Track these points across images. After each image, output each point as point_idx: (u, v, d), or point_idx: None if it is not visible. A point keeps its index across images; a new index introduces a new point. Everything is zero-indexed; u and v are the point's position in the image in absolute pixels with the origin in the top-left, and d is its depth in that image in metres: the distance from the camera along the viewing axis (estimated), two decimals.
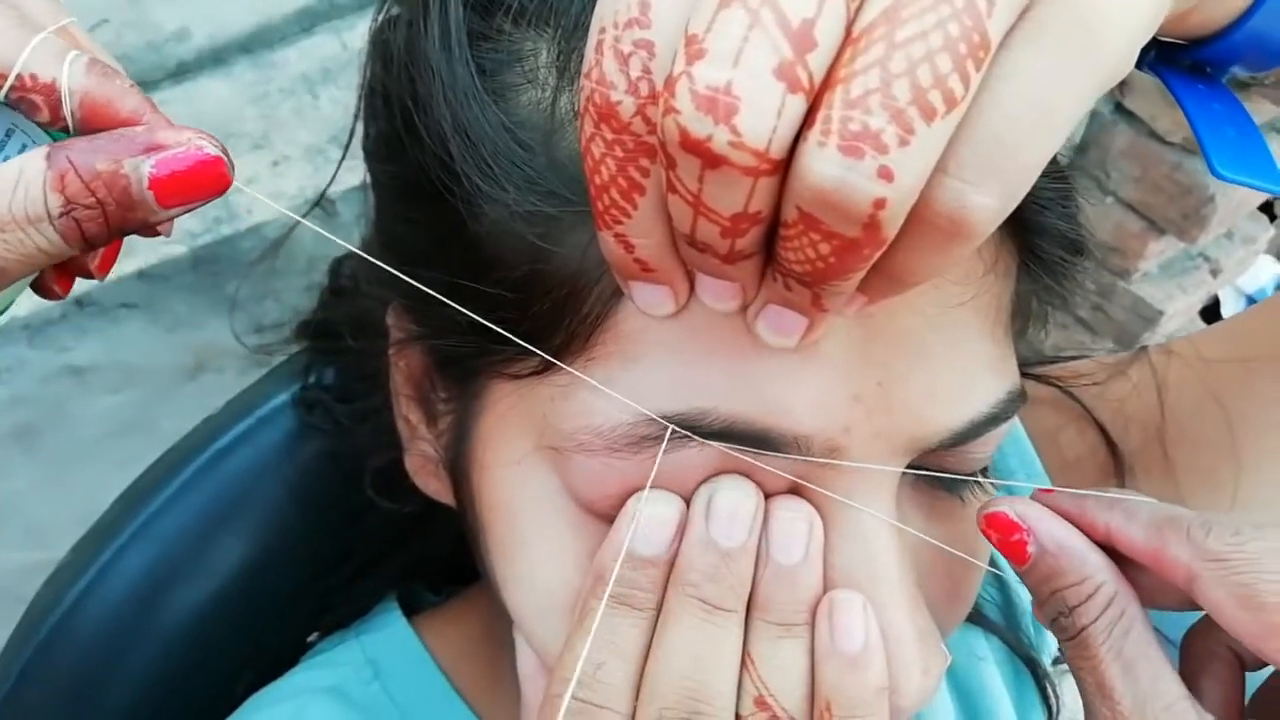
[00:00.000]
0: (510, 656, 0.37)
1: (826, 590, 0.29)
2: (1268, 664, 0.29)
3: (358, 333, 0.44)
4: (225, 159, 0.25)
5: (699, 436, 0.28)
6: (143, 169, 0.24)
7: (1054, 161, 0.27)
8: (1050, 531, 0.29)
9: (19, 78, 0.24)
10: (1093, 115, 1.18)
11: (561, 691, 0.28)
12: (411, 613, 0.49)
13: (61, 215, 0.24)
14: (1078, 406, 0.47)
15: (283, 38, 0.70)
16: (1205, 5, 0.26)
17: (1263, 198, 1.27)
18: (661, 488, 0.29)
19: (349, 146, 0.41)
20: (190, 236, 0.66)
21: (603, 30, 0.21)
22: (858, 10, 0.19)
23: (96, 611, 0.47)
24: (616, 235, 0.24)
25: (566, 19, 0.29)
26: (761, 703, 0.28)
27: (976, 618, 0.50)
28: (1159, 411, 0.45)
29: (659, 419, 0.28)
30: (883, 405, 0.28)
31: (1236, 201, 1.17)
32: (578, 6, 0.29)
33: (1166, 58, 0.30)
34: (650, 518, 0.28)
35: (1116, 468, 0.46)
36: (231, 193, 0.26)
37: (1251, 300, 1.51)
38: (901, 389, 0.28)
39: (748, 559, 0.28)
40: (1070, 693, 0.31)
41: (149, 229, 0.26)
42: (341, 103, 0.71)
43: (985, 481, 0.33)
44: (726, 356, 0.27)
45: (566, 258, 0.28)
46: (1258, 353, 0.43)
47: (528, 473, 0.31)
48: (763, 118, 0.19)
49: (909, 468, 0.30)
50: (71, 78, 0.25)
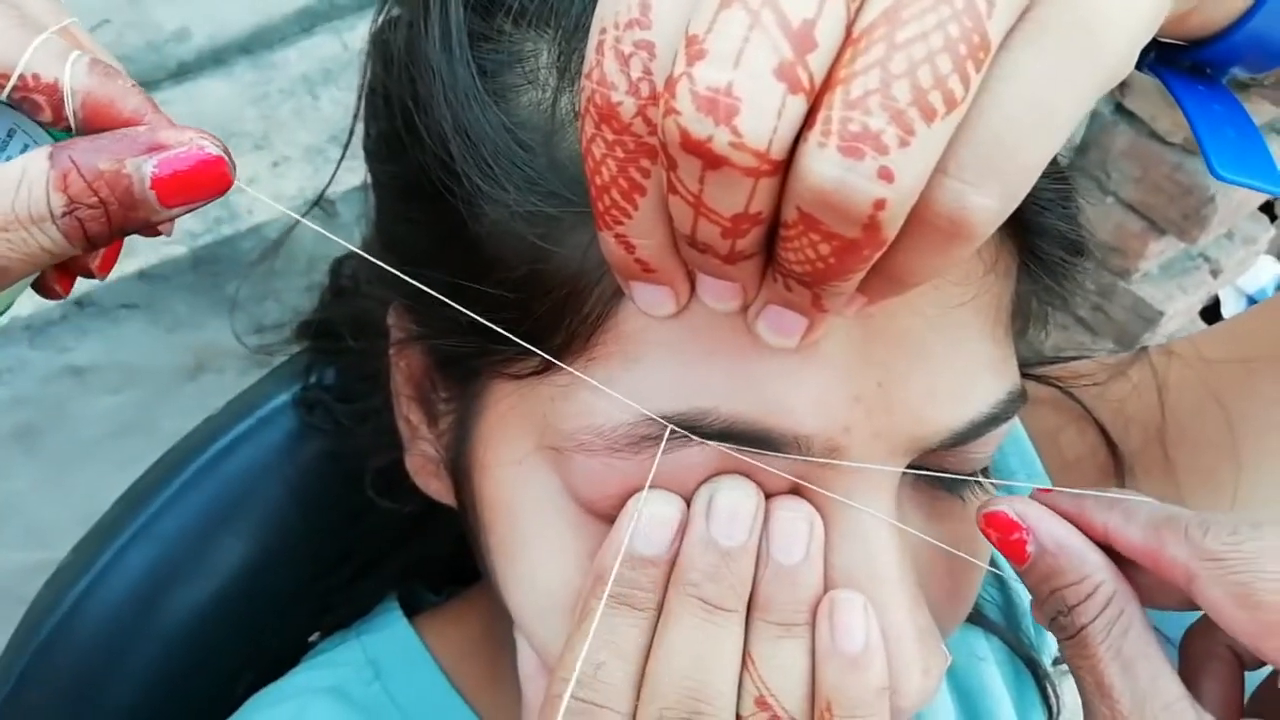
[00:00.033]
0: (511, 656, 0.37)
1: (827, 590, 0.29)
2: (1266, 663, 0.29)
3: (358, 333, 0.44)
4: (227, 159, 0.25)
5: (699, 436, 0.28)
6: (145, 169, 0.25)
7: (1054, 162, 0.27)
8: (1050, 530, 0.29)
9: (22, 78, 0.24)
10: (1093, 115, 1.18)
11: (562, 691, 0.28)
12: (412, 613, 0.49)
13: (64, 215, 0.24)
14: (1078, 407, 0.47)
15: (283, 38, 0.70)
16: (1205, 6, 0.26)
17: (1263, 198, 1.27)
18: (662, 488, 0.29)
19: (349, 147, 0.41)
20: (190, 237, 0.66)
21: (603, 31, 0.21)
22: (858, 11, 0.19)
23: (97, 612, 0.47)
24: (617, 236, 0.24)
25: (567, 20, 0.29)
26: (762, 703, 0.28)
27: (977, 618, 0.50)
28: (1159, 412, 0.45)
29: (659, 419, 0.28)
30: (883, 405, 0.28)
31: (1237, 202, 1.17)
32: (578, 7, 0.29)
33: (1166, 59, 0.30)
34: (651, 517, 0.28)
35: (1117, 468, 0.46)
36: (232, 193, 0.26)
37: (1252, 300, 1.51)
38: (902, 389, 0.28)
39: (748, 559, 0.28)
40: (1071, 693, 0.31)
41: (151, 228, 0.26)
42: (342, 103, 0.71)
43: (986, 482, 0.33)
44: (727, 357, 0.27)
45: (567, 258, 0.28)
46: (1258, 353, 0.43)
47: (528, 473, 0.31)
48: (763, 119, 0.19)
49: (909, 468, 0.30)
50: (74, 78, 0.25)
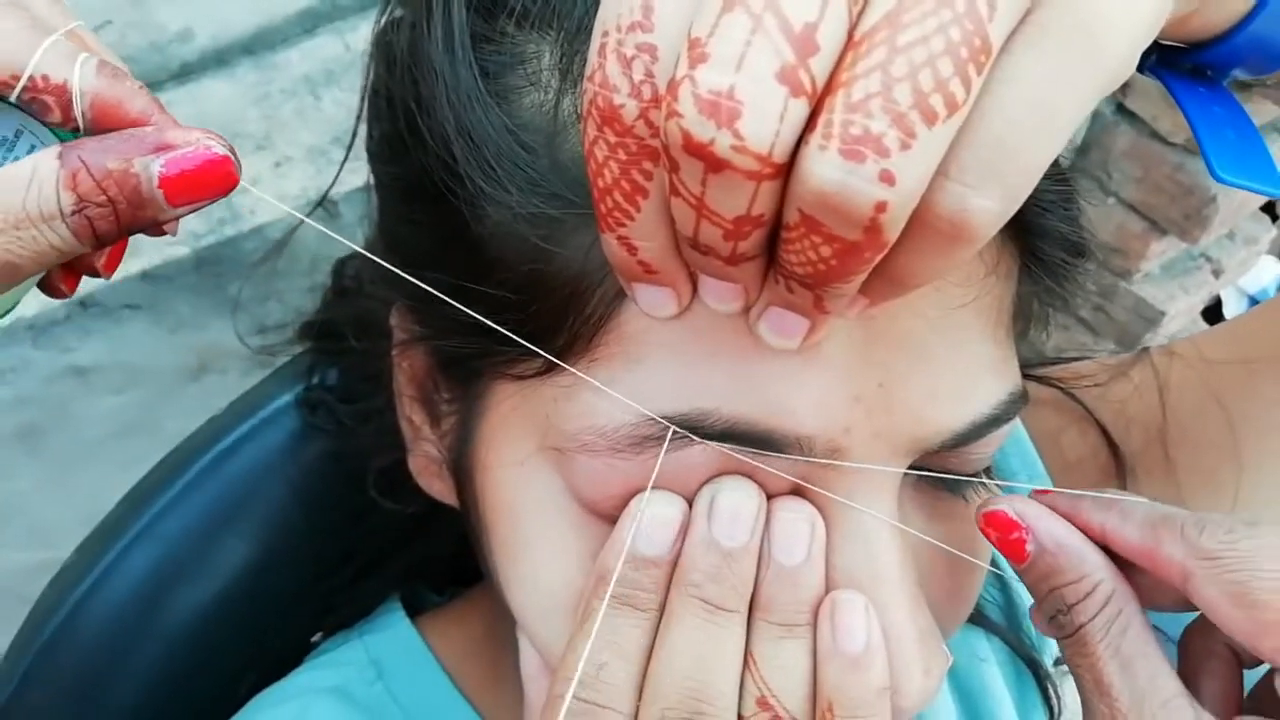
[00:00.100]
0: (513, 657, 0.37)
1: (828, 591, 0.29)
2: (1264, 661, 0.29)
3: (361, 333, 0.44)
4: (233, 158, 0.26)
5: (701, 437, 0.28)
6: (152, 168, 0.25)
7: (1055, 163, 0.27)
8: (1049, 530, 0.29)
9: (31, 79, 0.25)
10: (1094, 116, 1.18)
11: (564, 692, 0.28)
12: (415, 613, 0.49)
13: (74, 213, 0.24)
14: (1079, 408, 0.47)
15: (285, 39, 0.70)
16: (1206, 9, 0.26)
17: (1265, 198, 1.27)
18: (664, 488, 0.29)
19: (352, 148, 0.41)
20: (193, 237, 0.66)
21: (605, 33, 0.21)
22: (860, 14, 0.19)
23: (100, 612, 0.47)
24: (620, 238, 0.24)
25: (569, 21, 0.29)
26: (763, 703, 0.28)
27: (978, 619, 0.50)
28: (1160, 413, 0.45)
29: (661, 420, 0.28)
30: (883, 405, 0.28)
31: (1238, 202, 1.17)
32: (580, 9, 0.29)
33: (1167, 61, 0.30)
34: (653, 518, 0.28)
35: (1118, 469, 0.46)
36: (235, 193, 0.26)
37: (1254, 301, 1.50)
38: (902, 389, 0.28)
39: (750, 559, 0.28)
40: (1072, 694, 0.31)
41: (157, 227, 0.26)
42: (344, 104, 0.71)
43: (987, 482, 0.33)
44: (729, 358, 0.27)
45: (569, 259, 0.28)
46: (1259, 354, 0.43)
47: (531, 473, 0.31)
48: (765, 122, 0.19)
49: (911, 468, 0.30)
50: (83, 79, 0.25)
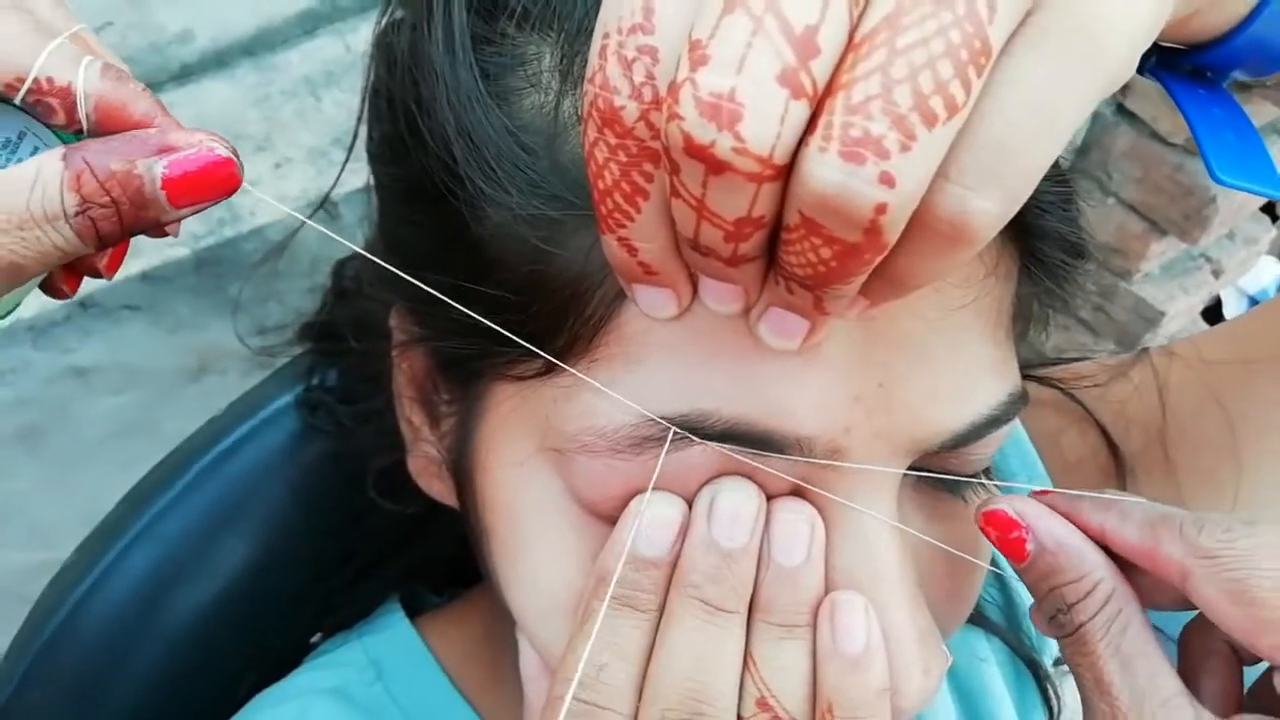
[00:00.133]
0: (513, 657, 0.37)
1: (828, 591, 0.29)
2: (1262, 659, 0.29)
3: (360, 334, 0.44)
4: (235, 160, 0.26)
5: (701, 438, 0.28)
6: (155, 169, 0.25)
7: (1055, 164, 0.27)
8: (1049, 529, 0.29)
9: (36, 81, 0.25)
10: (1094, 117, 1.18)
11: (564, 692, 0.28)
12: (414, 614, 0.49)
13: (77, 214, 0.25)
14: (1079, 408, 0.47)
15: (285, 40, 0.70)
16: (1206, 11, 0.26)
17: (1264, 199, 1.27)
18: (664, 489, 0.29)
19: (352, 149, 0.41)
20: (193, 238, 0.66)
21: (606, 35, 0.21)
22: (860, 16, 0.19)
23: (100, 612, 0.47)
24: (620, 239, 0.24)
25: (570, 23, 0.29)
26: (763, 704, 0.28)
27: (978, 619, 0.50)
28: (1160, 413, 0.45)
29: (661, 420, 0.28)
30: (883, 406, 0.28)
31: (1238, 202, 1.17)
32: (581, 11, 0.29)
33: (1167, 62, 0.30)
34: (653, 519, 0.28)
35: (1118, 469, 0.46)
36: (235, 194, 0.26)
37: (1254, 301, 1.51)
38: (902, 390, 0.28)
39: (749, 560, 0.28)
40: (1072, 694, 0.31)
41: (160, 228, 0.27)
42: (344, 105, 0.71)
43: (986, 483, 0.33)
44: (729, 359, 0.27)
45: (569, 260, 0.28)
46: (1259, 354, 0.43)
47: (530, 474, 0.31)
48: (766, 124, 0.19)
49: (910, 469, 0.30)
50: (88, 82, 0.25)
